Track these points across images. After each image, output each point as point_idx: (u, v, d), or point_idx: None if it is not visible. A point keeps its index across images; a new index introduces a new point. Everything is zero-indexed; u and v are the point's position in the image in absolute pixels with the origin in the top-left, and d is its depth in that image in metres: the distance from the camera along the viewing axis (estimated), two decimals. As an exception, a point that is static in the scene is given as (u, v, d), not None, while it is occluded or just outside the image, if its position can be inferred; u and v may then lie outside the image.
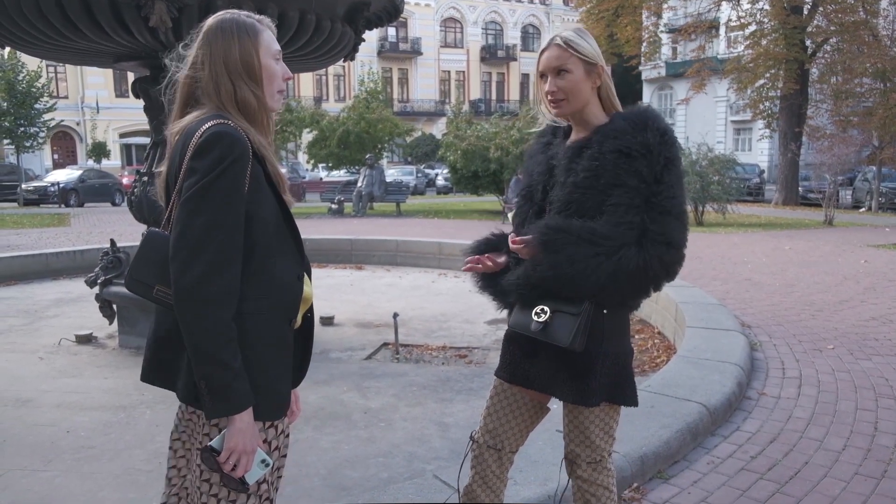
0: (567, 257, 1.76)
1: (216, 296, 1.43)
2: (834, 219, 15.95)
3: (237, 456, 1.46)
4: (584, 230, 1.76)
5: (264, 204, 1.54)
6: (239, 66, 1.53)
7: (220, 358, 1.42)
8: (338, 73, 45.57)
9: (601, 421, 1.97)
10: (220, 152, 1.44)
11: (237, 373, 1.44)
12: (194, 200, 1.43)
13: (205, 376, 1.44)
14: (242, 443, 1.46)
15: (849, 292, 7.34)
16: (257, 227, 1.51)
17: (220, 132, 1.46)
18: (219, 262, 1.43)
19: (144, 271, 1.55)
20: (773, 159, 33.32)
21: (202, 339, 1.42)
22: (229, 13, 1.59)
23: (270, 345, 1.54)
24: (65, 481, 3.06)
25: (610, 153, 1.79)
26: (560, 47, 1.87)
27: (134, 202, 5.30)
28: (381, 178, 19.69)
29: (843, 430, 3.61)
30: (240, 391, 1.45)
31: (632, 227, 1.75)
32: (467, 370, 4.71)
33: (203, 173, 1.43)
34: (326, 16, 4.84)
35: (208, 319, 1.42)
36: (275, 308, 1.56)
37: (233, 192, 1.45)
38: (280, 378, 1.57)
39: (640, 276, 1.77)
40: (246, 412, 1.46)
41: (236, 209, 1.46)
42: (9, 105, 25.76)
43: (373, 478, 3.08)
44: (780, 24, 21.55)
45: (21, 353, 5.18)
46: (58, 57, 5.63)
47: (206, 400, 1.45)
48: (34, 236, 13.24)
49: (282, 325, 1.58)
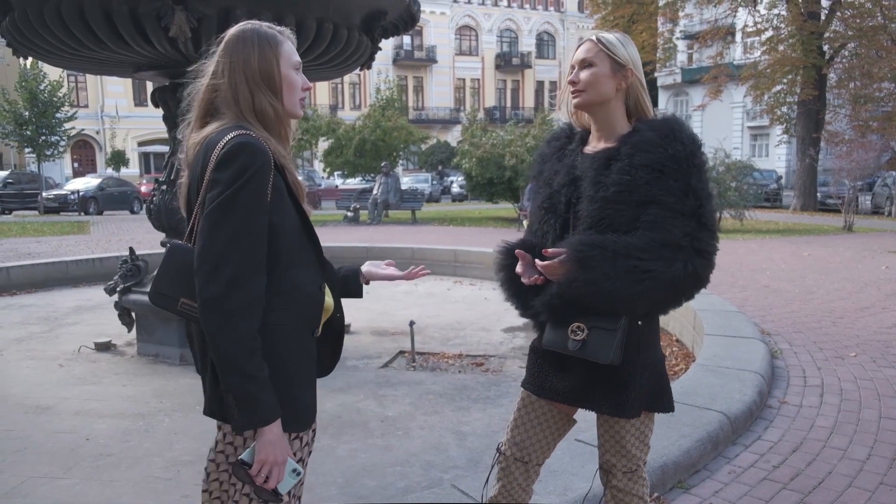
0: (604, 273, 1.73)
1: (241, 307, 1.42)
2: (853, 224, 15.78)
3: (269, 467, 1.46)
4: (620, 245, 1.74)
5: (286, 214, 1.54)
6: (258, 76, 1.53)
7: (246, 370, 1.42)
8: (353, 81, 45.81)
9: (637, 430, 1.95)
10: (243, 163, 1.44)
11: (263, 384, 1.44)
12: (218, 212, 1.43)
13: (231, 388, 1.43)
14: (273, 454, 1.46)
15: (870, 299, 7.25)
16: (280, 237, 1.51)
17: (243, 143, 1.46)
18: (243, 273, 1.43)
19: (168, 284, 1.55)
20: (791, 165, 33.04)
21: (228, 350, 1.42)
22: (250, 24, 1.59)
23: (295, 356, 1.54)
24: (84, 488, 3.08)
25: (641, 167, 1.77)
26: (592, 42, 1.90)
27: (153, 210, 5.35)
28: (396, 186, 19.73)
29: (867, 439, 3.55)
30: (267, 402, 1.44)
31: (667, 242, 1.74)
32: (484, 378, 4.69)
33: (226, 185, 1.43)
34: (343, 25, 4.87)
35: (235, 331, 1.41)
36: (299, 318, 1.56)
37: (256, 204, 1.45)
38: (305, 389, 1.57)
39: (675, 288, 1.76)
40: (275, 424, 1.46)
41: (259, 220, 1.46)
42: (31, 114, 26.11)
43: (390, 486, 3.07)
44: (797, 29, 21.45)
45: (41, 360, 5.23)
46: (79, 67, 5.70)
47: (234, 412, 1.45)
48: (54, 244, 13.39)
49: (306, 336, 1.58)
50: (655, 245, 1.73)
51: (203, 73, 1.59)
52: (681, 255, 1.73)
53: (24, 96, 25.79)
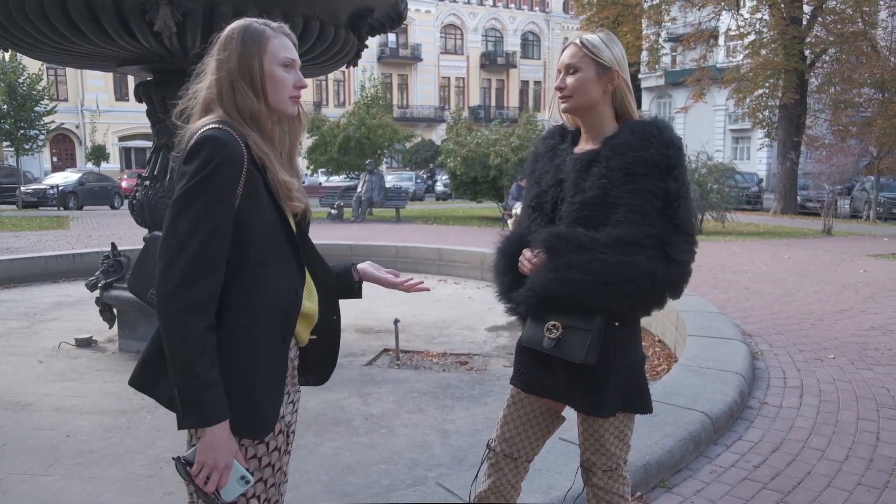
0: (566, 262, 1.77)
1: (192, 303, 1.38)
2: (832, 228, 15.97)
3: (208, 470, 1.41)
4: (586, 239, 1.78)
5: (261, 211, 1.49)
6: (237, 72, 1.52)
7: (192, 367, 1.37)
8: (338, 78, 45.66)
9: (616, 429, 1.97)
10: (207, 156, 1.41)
11: (210, 384, 1.39)
12: (178, 204, 1.41)
13: (177, 384, 1.39)
14: (213, 457, 1.40)
15: (848, 302, 7.35)
16: (251, 234, 1.47)
17: (209, 136, 1.44)
18: (197, 268, 1.39)
19: (143, 275, 1.58)
20: (772, 168, 33.41)
21: (177, 346, 1.38)
22: (242, 21, 1.57)
23: (257, 359, 1.47)
24: (65, 485, 3.05)
25: (617, 170, 1.79)
26: (576, 46, 1.91)
27: (135, 206, 5.30)
28: (380, 184, 19.71)
29: (846, 440, 3.60)
30: (212, 404, 1.39)
31: (629, 241, 1.75)
32: (468, 377, 4.70)
33: (189, 177, 1.41)
34: (330, 22, 4.85)
35: (184, 327, 1.38)
36: (265, 321, 1.49)
37: (217, 197, 1.42)
38: (265, 396, 1.50)
39: (640, 288, 1.76)
40: (218, 426, 1.40)
41: (221, 213, 1.42)
42: (9, 107, 25.77)
43: (374, 484, 3.07)
44: (779, 34, 21.65)
45: (20, 356, 5.16)
46: (61, 60, 5.63)
47: (179, 409, 1.40)
48: (33, 239, 13.22)
49: (273, 340, 1.51)
50: (618, 243, 1.75)
51: (204, 72, 1.58)
52: (642, 256, 1.74)
53: (3, 89, 25.48)
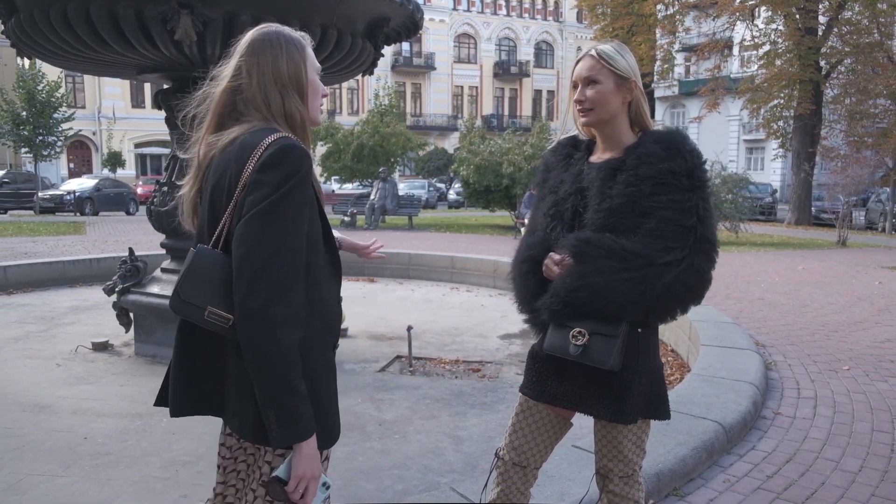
0: (596, 268, 1.78)
1: (285, 318, 1.36)
2: (847, 239, 15.87)
3: (306, 483, 1.41)
4: (616, 245, 1.79)
5: (316, 224, 1.48)
6: (287, 80, 1.50)
7: (290, 382, 1.37)
8: (351, 86, 45.91)
9: (634, 436, 1.99)
10: (290, 168, 1.38)
11: (305, 398, 1.39)
12: (261, 217, 1.36)
13: (274, 402, 1.37)
14: (311, 469, 1.41)
15: (863, 314, 7.31)
16: (312, 249, 1.46)
17: (289, 146, 1.40)
18: (287, 283, 1.37)
19: (194, 292, 1.44)
20: (786, 179, 33.21)
21: (273, 363, 1.35)
22: (273, 26, 1.55)
23: (320, 370, 1.48)
24: (83, 487, 3.09)
25: (646, 179, 1.81)
26: (593, 58, 1.91)
27: (153, 211, 5.36)
28: (393, 192, 19.79)
29: (860, 451, 3.59)
30: (308, 416, 1.39)
31: (662, 250, 1.77)
32: (480, 384, 4.72)
33: (272, 189, 1.37)
34: (347, 31, 4.91)
35: (279, 343, 1.35)
36: (324, 332, 1.51)
37: (300, 211, 1.40)
38: (330, 405, 1.52)
39: (666, 297, 1.79)
40: (312, 438, 1.41)
41: (301, 228, 1.40)
42: (28, 114, 26.12)
43: (388, 489, 3.09)
44: (794, 44, 21.60)
45: (38, 359, 5.23)
46: (83, 68, 5.72)
47: (275, 427, 1.38)
48: (50, 244, 13.36)
49: (329, 350, 1.54)
50: (648, 252, 1.77)
51: (220, 75, 1.54)
52: (672, 266, 1.76)
53: (22, 96, 25.85)
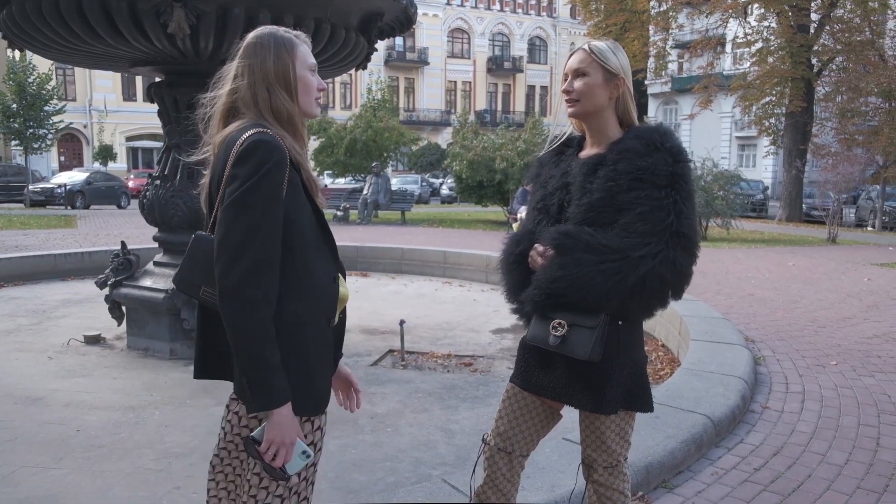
0: (574, 259, 1.83)
1: (256, 296, 1.50)
2: (837, 236, 15.97)
3: (276, 447, 1.54)
4: (593, 240, 1.83)
5: (301, 209, 1.61)
6: (274, 77, 1.62)
7: (261, 354, 1.50)
8: (344, 81, 45.78)
9: (617, 427, 2.02)
10: (260, 159, 1.52)
11: (276, 369, 1.52)
12: (236, 205, 1.51)
13: (246, 372, 1.52)
14: (281, 435, 1.54)
15: (852, 310, 7.37)
16: (295, 231, 1.59)
17: (260, 140, 1.54)
18: (258, 264, 1.51)
19: (192, 273, 1.64)
20: (777, 176, 33.37)
21: (244, 336, 1.50)
22: (268, 28, 1.68)
23: (313, 343, 1.62)
24: (75, 479, 3.10)
25: (624, 174, 1.84)
26: (585, 52, 1.96)
27: (146, 205, 5.36)
28: (386, 187, 19.77)
29: (846, 444, 3.64)
30: (278, 386, 1.52)
31: (638, 244, 1.80)
32: (472, 378, 4.74)
33: (244, 180, 1.51)
34: (341, 25, 4.91)
35: (250, 318, 1.49)
36: (316, 308, 1.64)
37: (271, 198, 1.53)
38: (321, 375, 1.65)
39: (641, 289, 1.81)
40: (284, 406, 1.53)
41: (275, 213, 1.53)
42: (19, 107, 25.95)
43: (380, 482, 3.12)
44: (786, 42, 21.68)
45: (30, 352, 5.22)
46: (75, 61, 5.70)
47: (248, 394, 1.53)
48: (41, 237, 13.30)
49: (322, 325, 1.66)
50: (623, 246, 1.80)
51: (225, 78, 1.68)
52: (647, 259, 1.79)
53: (13, 89, 25.67)
